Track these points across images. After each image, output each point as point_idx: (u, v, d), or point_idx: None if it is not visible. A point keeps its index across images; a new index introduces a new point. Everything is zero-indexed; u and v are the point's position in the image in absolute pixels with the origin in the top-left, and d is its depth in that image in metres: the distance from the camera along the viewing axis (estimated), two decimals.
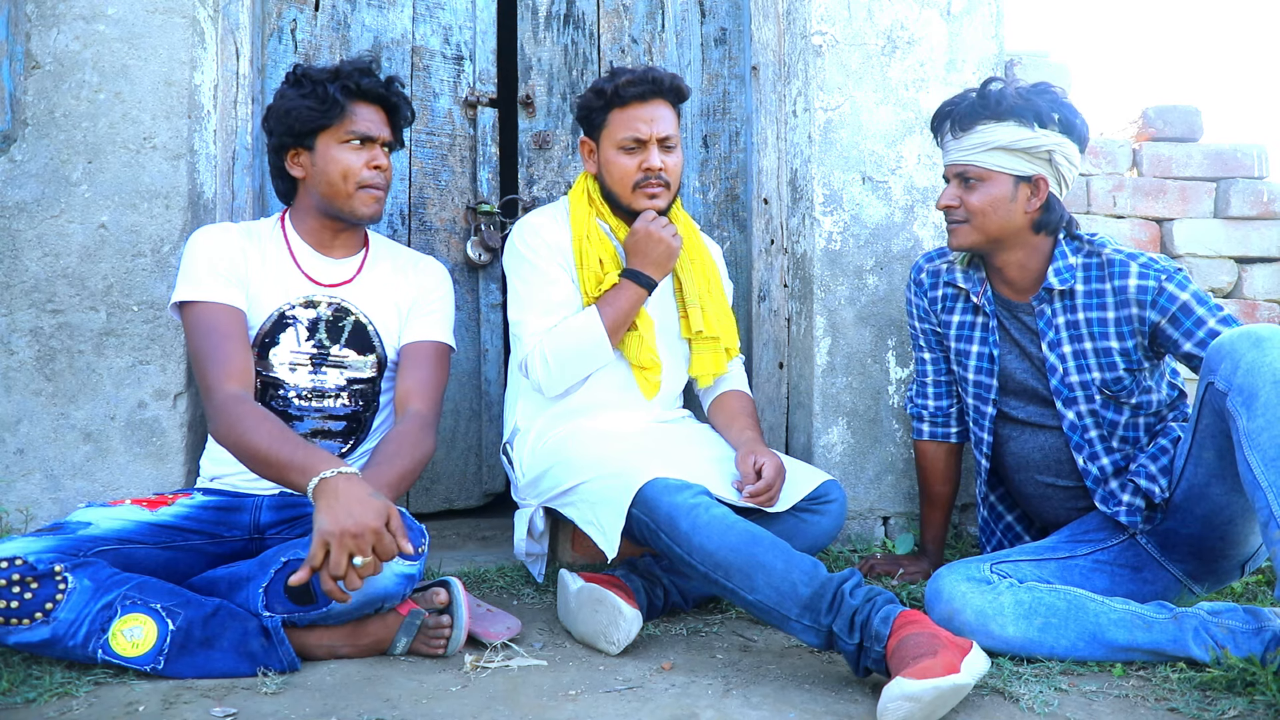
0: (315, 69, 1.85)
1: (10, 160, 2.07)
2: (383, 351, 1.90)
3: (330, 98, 1.80)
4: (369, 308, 1.90)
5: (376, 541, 1.42)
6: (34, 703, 1.41)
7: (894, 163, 2.42)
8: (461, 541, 2.49)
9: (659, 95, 1.99)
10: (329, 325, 1.86)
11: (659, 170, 1.99)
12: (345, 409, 1.87)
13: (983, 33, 2.47)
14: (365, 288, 1.91)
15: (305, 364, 1.84)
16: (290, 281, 1.86)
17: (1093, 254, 1.89)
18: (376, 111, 1.87)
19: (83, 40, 2.09)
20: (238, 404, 1.64)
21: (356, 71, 1.83)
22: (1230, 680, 1.51)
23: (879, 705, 1.34)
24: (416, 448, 1.75)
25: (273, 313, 1.83)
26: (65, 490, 2.06)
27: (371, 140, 1.85)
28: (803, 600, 1.53)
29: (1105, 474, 1.87)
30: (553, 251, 2.01)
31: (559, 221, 2.06)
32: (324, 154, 1.83)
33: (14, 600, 1.46)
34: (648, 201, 2.00)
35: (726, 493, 1.82)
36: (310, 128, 1.82)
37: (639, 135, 1.98)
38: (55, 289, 2.07)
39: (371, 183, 1.85)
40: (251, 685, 1.50)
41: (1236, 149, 2.90)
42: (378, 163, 1.85)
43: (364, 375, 1.89)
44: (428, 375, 1.88)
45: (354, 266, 1.93)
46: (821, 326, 2.39)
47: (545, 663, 1.64)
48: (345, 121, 1.83)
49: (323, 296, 1.87)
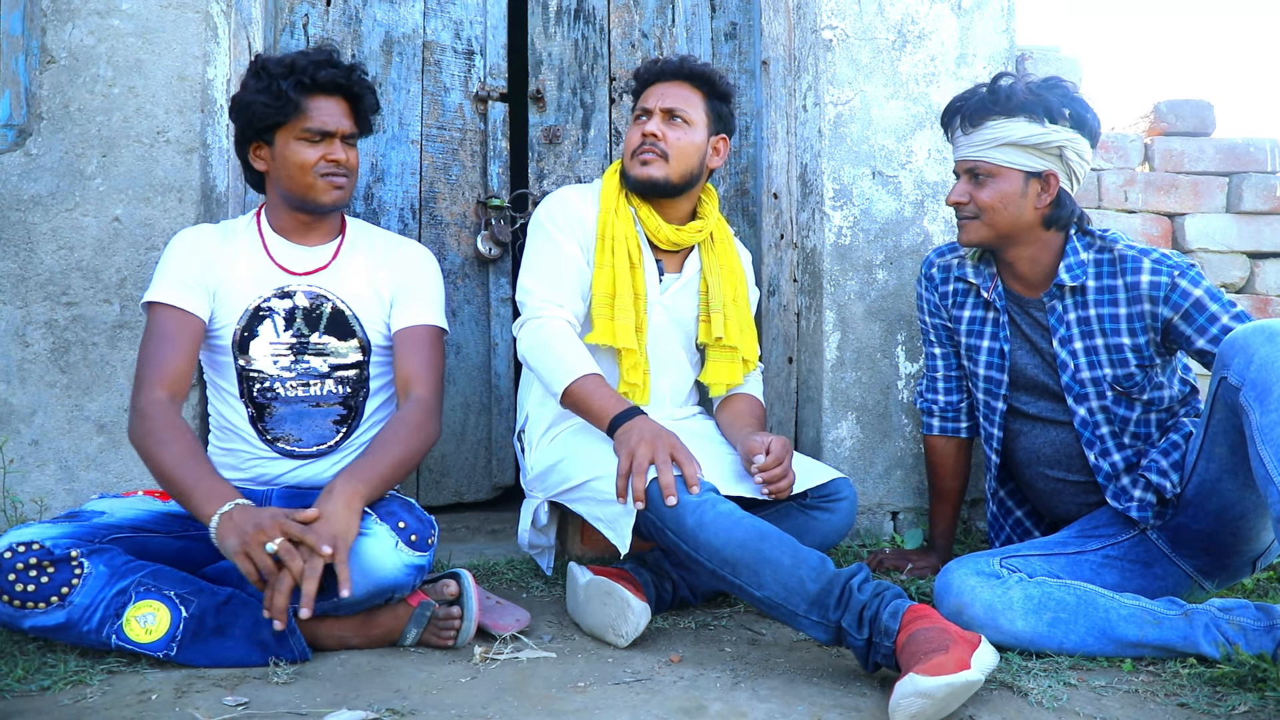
0: (274, 60, 1.80)
1: (26, 154, 2.09)
2: (364, 336, 1.88)
3: (284, 94, 1.76)
4: (346, 293, 1.88)
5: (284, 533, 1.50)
6: (48, 690, 1.43)
7: (904, 157, 2.42)
8: (471, 534, 2.50)
9: (678, 76, 2.05)
10: (306, 314, 1.85)
11: (653, 136, 1.99)
12: (334, 395, 1.86)
13: (994, 27, 2.46)
14: (341, 273, 1.89)
15: (286, 354, 1.83)
16: (264, 274, 1.85)
17: (1105, 249, 1.88)
18: (337, 103, 1.82)
19: (97, 35, 2.10)
20: (157, 411, 1.65)
21: (312, 65, 1.78)
22: (1241, 676, 1.50)
23: (891, 701, 1.33)
24: (416, 433, 1.74)
25: (248, 307, 1.82)
26: (79, 481, 2.08)
27: (329, 135, 1.81)
28: (810, 596, 1.53)
29: (1117, 470, 1.87)
30: (574, 225, 2.00)
31: (589, 197, 2.06)
32: (282, 149, 1.81)
33: (30, 584, 1.48)
34: (639, 168, 2.00)
35: (734, 490, 1.82)
36: (267, 124, 1.79)
37: (645, 105, 2.04)
38: (70, 282, 2.08)
39: (330, 172, 1.82)
40: (263, 675, 1.51)
41: (1249, 143, 2.88)
42: (334, 157, 1.81)
43: (348, 360, 1.87)
44: (424, 359, 1.85)
45: (329, 253, 1.90)
46: (831, 321, 2.39)
47: (554, 655, 1.64)
48: (301, 118, 1.78)
49: (297, 286, 1.85)
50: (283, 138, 1.80)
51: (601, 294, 1.96)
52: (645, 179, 2.00)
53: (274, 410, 1.82)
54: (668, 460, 1.65)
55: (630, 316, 1.96)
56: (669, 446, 1.68)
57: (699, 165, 2.04)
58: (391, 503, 1.66)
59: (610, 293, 1.96)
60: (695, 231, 2.07)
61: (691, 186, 2.06)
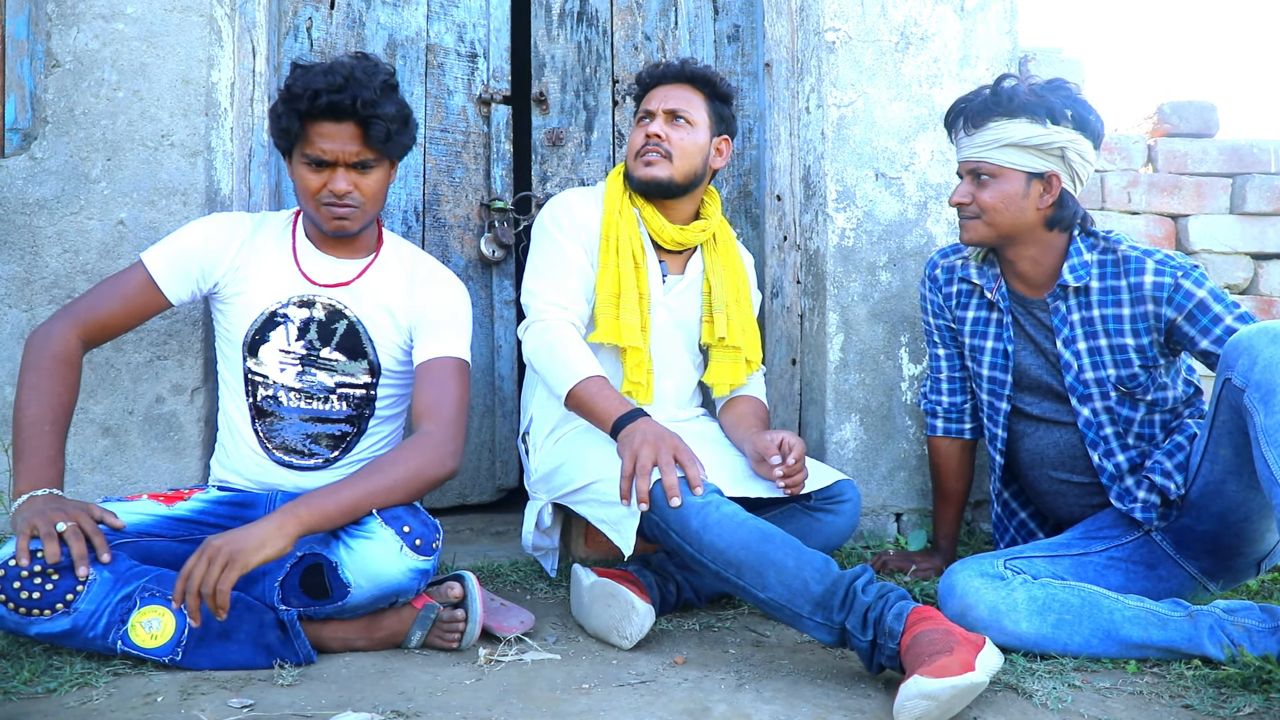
0: (293, 75, 1.73)
1: (31, 158, 2.09)
2: (375, 358, 1.85)
3: (281, 119, 1.73)
4: (364, 312, 1.85)
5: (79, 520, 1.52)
6: (55, 693, 1.43)
7: (907, 159, 2.42)
8: (475, 537, 2.50)
9: (681, 79, 2.07)
10: (321, 326, 1.83)
11: (656, 137, 2.01)
12: (338, 413, 1.84)
13: (996, 29, 2.47)
14: (364, 292, 1.86)
15: (294, 364, 1.82)
16: (287, 279, 1.84)
17: (1108, 250, 1.88)
18: (345, 127, 1.72)
19: (102, 39, 2.11)
20: (58, 345, 1.68)
21: (309, 91, 1.68)
22: (1245, 678, 1.50)
23: (895, 703, 1.33)
24: (412, 460, 1.65)
25: (264, 310, 1.82)
26: (84, 484, 2.08)
27: (329, 164, 1.74)
28: (815, 598, 1.53)
29: (1121, 471, 1.87)
30: (578, 229, 2.01)
31: (593, 200, 2.07)
32: (293, 171, 1.80)
33: (36, 591, 1.48)
34: (644, 169, 2.01)
35: (738, 491, 1.82)
36: (282, 145, 1.80)
37: (649, 107, 2.05)
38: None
39: (330, 203, 1.76)
40: (268, 677, 1.51)
41: (1253, 144, 2.88)
42: (334, 187, 1.73)
43: (356, 380, 1.85)
44: (440, 392, 1.76)
45: (357, 269, 1.87)
46: (834, 323, 2.39)
47: (558, 656, 1.65)
48: (303, 144, 1.75)
49: (318, 297, 1.83)
50: (293, 160, 1.79)
51: (606, 293, 1.97)
52: (650, 179, 2.00)
53: (276, 419, 1.83)
54: (671, 462, 1.65)
55: (635, 315, 1.97)
56: (672, 448, 1.68)
57: (702, 166, 2.06)
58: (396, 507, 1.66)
59: (615, 292, 1.97)
60: (699, 231, 2.08)
61: (695, 187, 2.06)
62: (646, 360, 1.99)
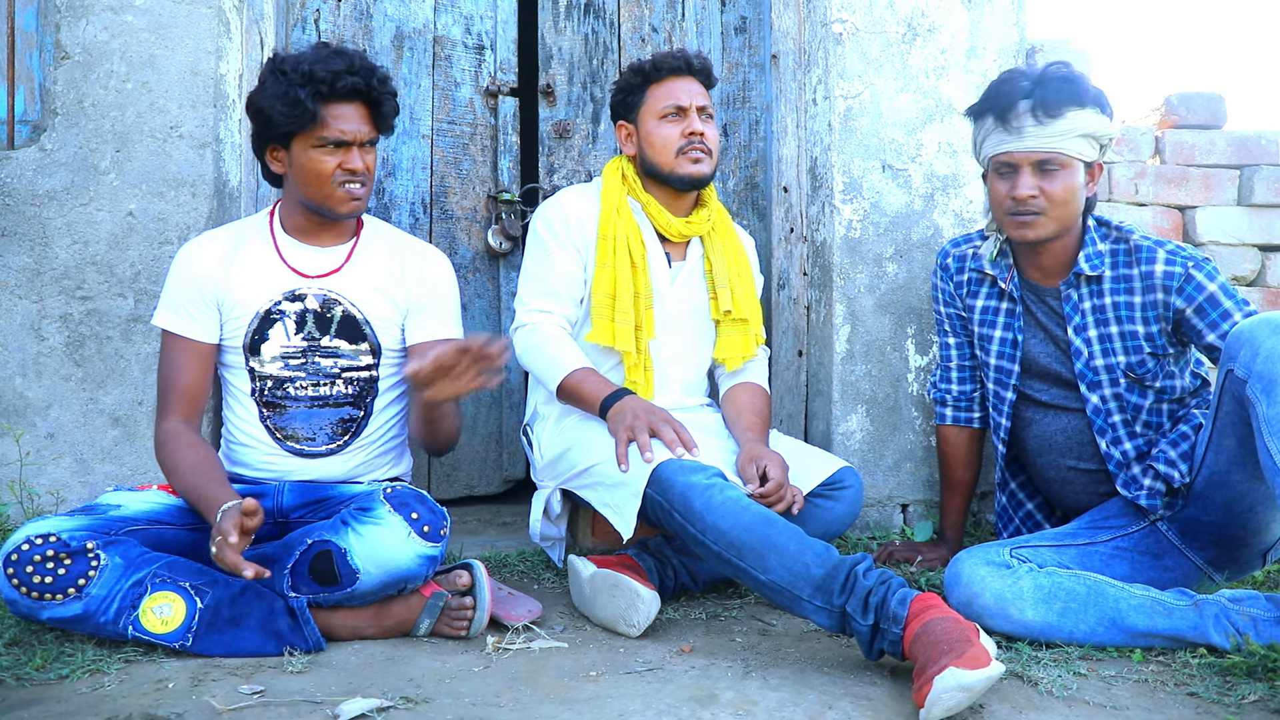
0: (292, 62, 1.74)
1: (40, 149, 2.10)
2: (375, 340, 1.87)
3: (300, 103, 1.71)
4: (357, 297, 1.86)
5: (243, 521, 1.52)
6: (67, 679, 1.45)
7: (914, 150, 2.42)
8: (482, 527, 2.51)
9: (690, 72, 2.08)
10: (317, 317, 1.84)
11: (701, 135, 2.02)
12: (344, 395, 1.86)
13: (1004, 20, 2.46)
14: (353, 277, 1.87)
15: (298, 357, 1.83)
16: (276, 277, 1.84)
17: (1120, 240, 1.89)
18: (357, 108, 1.78)
19: (111, 30, 2.12)
20: (171, 439, 1.74)
21: (331, 74, 1.72)
22: (1251, 667, 1.51)
23: (930, 695, 1.30)
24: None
25: (259, 310, 1.82)
26: (94, 474, 2.10)
27: (346, 144, 1.77)
28: (815, 580, 1.53)
29: (1128, 458, 1.87)
30: (572, 231, 2.03)
31: (589, 198, 2.08)
32: (299, 156, 1.77)
33: (48, 575, 1.50)
34: (691, 166, 2.03)
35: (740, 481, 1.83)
36: (284, 131, 1.75)
37: (679, 103, 2.05)
38: (84, 276, 2.10)
39: (347, 181, 1.78)
40: (278, 664, 1.53)
41: (1261, 136, 2.87)
42: (351, 166, 1.77)
43: (360, 364, 1.87)
44: None
45: (342, 255, 1.88)
46: (841, 314, 2.39)
47: (566, 645, 1.66)
48: (318, 127, 1.74)
49: (309, 289, 1.84)
50: (299, 145, 1.77)
51: (602, 294, 1.99)
52: (700, 176, 2.04)
53: (285, 409, 1.83)
54: (663, 424, 1.78)
55: (630, 318, 1.99)
56: (662, 418, 1.80)
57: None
58: (404, 493, 1.67)
59: (611, 293, 1.99)
60: (704, 220, 2.11)
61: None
62: (643, 360, 2.02)
